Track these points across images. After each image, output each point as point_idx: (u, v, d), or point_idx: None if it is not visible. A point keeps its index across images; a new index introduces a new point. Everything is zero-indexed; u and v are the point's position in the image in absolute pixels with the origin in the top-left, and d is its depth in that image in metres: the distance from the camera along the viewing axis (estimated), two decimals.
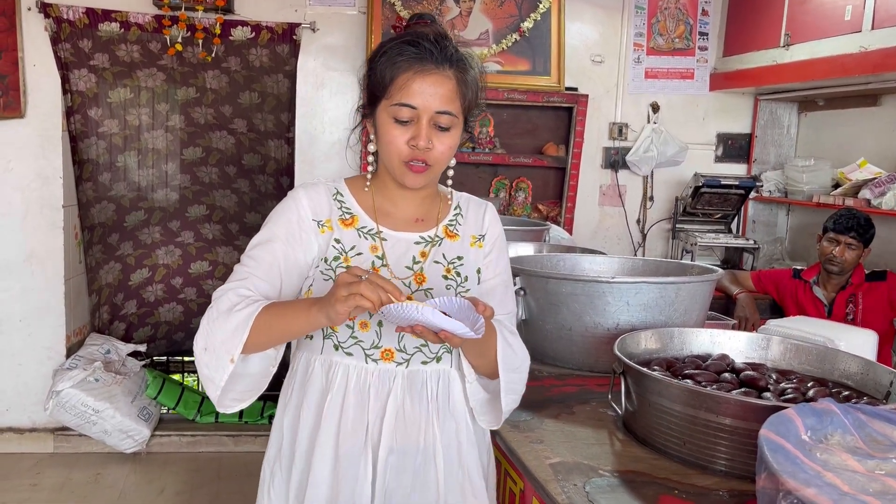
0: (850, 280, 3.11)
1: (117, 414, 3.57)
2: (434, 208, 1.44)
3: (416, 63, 1.27)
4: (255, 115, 3.93)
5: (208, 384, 1.26)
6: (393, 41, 1.32)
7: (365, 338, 1.33)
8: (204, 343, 1.24)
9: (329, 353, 1.35)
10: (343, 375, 1.33)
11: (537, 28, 4.01)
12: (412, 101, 1.27)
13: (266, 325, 1.22)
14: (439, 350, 1.37)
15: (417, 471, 1.35)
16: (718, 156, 4.38)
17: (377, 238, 1.37)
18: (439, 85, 1.28)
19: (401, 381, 1.34)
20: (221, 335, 1.22)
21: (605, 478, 1.34)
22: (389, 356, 1.34)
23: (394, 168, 1.32)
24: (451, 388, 1.38)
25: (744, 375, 1.59)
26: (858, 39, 3.15)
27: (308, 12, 3.83)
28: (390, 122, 1.29)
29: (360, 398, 1.33)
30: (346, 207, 1.39)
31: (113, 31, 3.60)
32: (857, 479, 0.97)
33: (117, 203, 3.92)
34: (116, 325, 4.10)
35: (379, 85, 1.30)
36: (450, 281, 1.38)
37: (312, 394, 1.36)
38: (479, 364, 1.36)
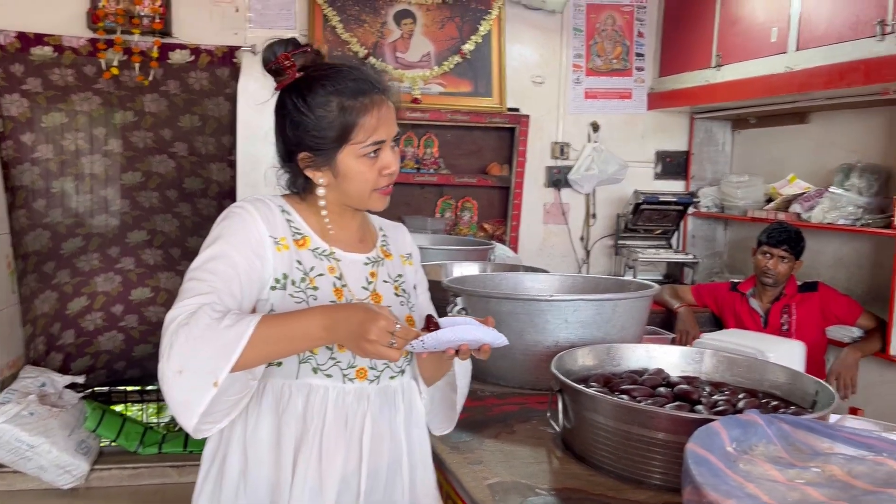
0: (784, 291, 3.21)
1: (54, 449, 3.44)
2: (369, 230, 1.49)
3: (369, 99, 1.31)
4: (195, 139, 3.88)
5: (182, 410, 1.17)
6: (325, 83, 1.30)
7: (342, 358, 1.33)
8: (179, 365, 1.14)
9: (307, 377, 1.31)
10: (323, 398, 1.31)
11: (478, 50, 4.06)
12: (381, 136, 1.32)
13: (262, 344, 1.17)
14: (403, 363, 1.40)
15: (388, 483, 1.37)
16: (657, 173, 4.48)
17: (332, 259, 1.37)
18: (391, 112, 1.34)
19: (374, 398, 1.35)
20: (204, 355, 1.15)
21: (542, 496, 1.35)
22: (363, 374, 1.35)
23: (365, 200, 1.36)
24: (413, 398, 1.43)
25: (678, 389, 1.63)
26: (785, 60, 3.28)
27: (248, 35, 3.82)
28: (361, 161, 1.32)
29: (340, 419, 1.32)
30: (295, 227, 1.36)
31: (46, 55, 3.53)
32: (778, 489, 1.00)
33: (53, 230, 3.81)
34: (53, 356, 3.97)
35: (339, 132, 1.30)
36: (401, 298, 1.44)
37: (291, 421, 1.30)
38: (431, 375, 1.44)
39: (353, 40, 3.86)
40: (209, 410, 1.18)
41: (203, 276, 1.24)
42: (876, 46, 2.80)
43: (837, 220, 3.24)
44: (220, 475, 1.33)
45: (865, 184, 3.24)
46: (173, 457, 3.85)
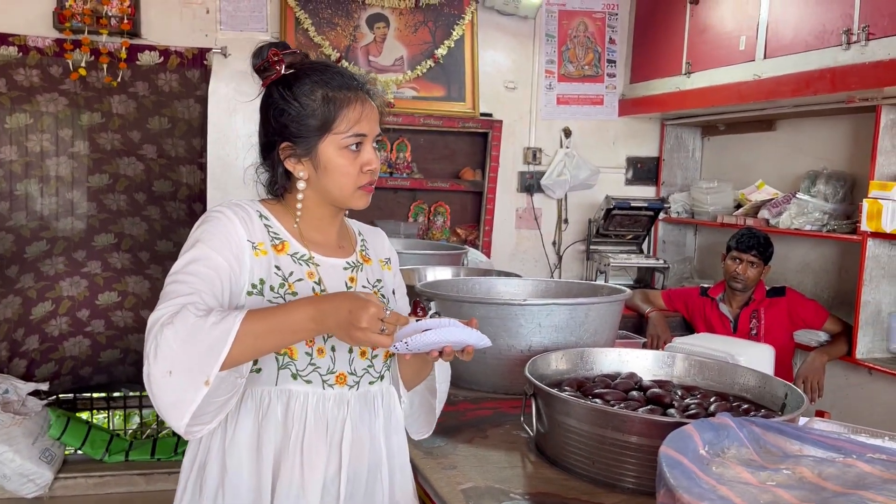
0: (753, 296, 3.25)
1: (17, 457, 3.36)
2: (347, 235, 1.48)
3: (354, 93, 1.33)
4: (165, 141, 3.83)
5: (171, 411, 1.15)
6: (311, 74, 1.33)
7: (322, 364, 1.32)
8: (168, 366, 1.13)
9: (286, 383, 1.31)
10: (303, 405, 1.31)
11: (451, 55, 4.07)
12: (363, 130, 1.33)
13: (250, 339, 1.16)
14: (382, 369, 1.40)
15: (367, 488, 1.36)
16: (629, 178, 4.52)
17: (311, 264, 1.37)
18: (373, 110, 1.36)
19: (354, 404, 1.35)
20: (194, 354, 1.13)
21: (516, 501, 1.34)
22: (342, 380, 1.35)
23: (346, 196, 1.35)
24: (392, 404, 1.43)
25: (650, 393, 1.64)
26: (752, 68, 3.33)
27: (219, 37, 3.78)
28: (342, 153, 1.32)
29: (320, 425, 1.32)
30: (274, 232, 1.36)
31: (10, 55, 3.46)
32: (750, 491, 1.00)
33: (16, 233, 3.72)
34: (16, 362, 3.87)
35: (321, 121, 1.31)
36: (381, 301, 1.39)
37: (271, 427, 1.30)
38: (412, 379, 1.45)
39: (325, 43, 3.84)
40: (199, 412, 1.16)
41: (184, 278, 1.23)
42: (842, 55, 2.86)
43: (804, 225, 3.29)
44: (199, 483, 1.32)
45: (831, 190, 3.30)
46: (140, 464, 3.78)
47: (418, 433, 1.52)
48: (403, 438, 1.46)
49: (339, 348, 1.34)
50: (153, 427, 4.60)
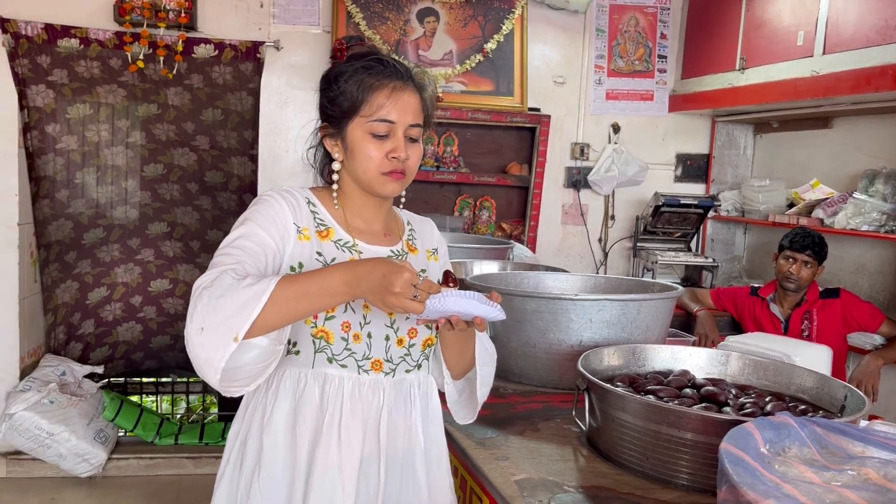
0: (806, 297, 3.19)
1: (73, 437, 3.47)
2: (394, 224, 1.50)
3: (389, 80, 1.34)
4: (217, 132, 3.90)
5: (205, 367, 1.17)
6: (355, 61, 1.37)
7: (357, 349, 1.34)
8: (201, 322, 1.16)
9: (322, 366, 1.34)
10: (339, 388, 1.34)
11: (500, 49, 4.06)
12: (390, 116, 1.33)
13: (284, 301, 1.17)
14: (419, 358, 1.41)
15: (405, 476, 1.38)
16: (678, 175, 4.47)
17: (354, 251, 1.39)
18: (410, 100, 1.35)
19: (390, 391, 1.37)
20: (225, 312, 1.15)
21: (570, 493, 1.35)
22: (378, 367, 1.36)
23: (370, 180, 1.35)
24: (430, 394, 1.44)
25: (704, 391, 1.62)
26: (810, 64, 3.26)
27: (272, 31, 3.83)
28: (367, 138, 1.34)
29: (357, 409, 1.34)
30: (320, 218, 1.39)
31: (72, 47, 3.56)
32: (815, 491, 0.99)
33: (75, 220, 3.84)
34: (73, 345, 4.00)
35: (351, 103, 1.34)
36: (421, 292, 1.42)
37: (307, 409, 1.33)
38: (456, 364, 1.44)
39: (375, 37, 3.87)
40: (234, 374, 1.19)
41: (230, 251, 1.27)
42: None
43: (861, 226, 3.21)
44: (240, 458, 1.38)
45: (890, 190, 3.22)
46: (189, 448, 3.87)
47: (462, 419, 1.53)
48: (440, 429, 1.46)
49: (376, 335, 1.36)
50: (199, 413, 4.71)
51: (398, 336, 1.38)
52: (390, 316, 1.37)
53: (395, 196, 1.42)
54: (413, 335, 1.40)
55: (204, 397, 4.69)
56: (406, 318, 1.38)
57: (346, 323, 1.33)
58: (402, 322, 1.39)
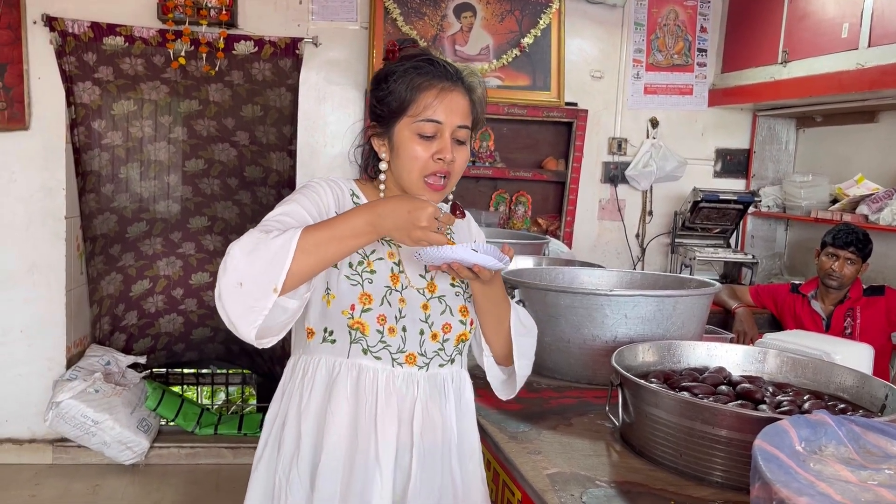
0: (849, 294, 3.13)
1: (116, 425, 3.57)
2: None
3: (438, 81, 1.35)
4: (257, 128, 3.96)
5: (241, 321, 1.19)
6: (406, 62, 1.38)
7: (392, 342, 1.37)
8: (238, 278, 1.18)
9: (357, 357, 1.36)
10: (373, 379, 1.36)
11: (537, 44, 4.05)
12: (437, 116, 1.33)
13: (312, 248, 1.19)
14: (453, 353, 1.43)
15: (438, 469, 1.39)
16: (717, 171, 4.40)
17: (393, 245, 1.41)
18: (458, 100, 1.36)
19: (424, 385, 1.39)
20: (260, 265, 1.18)
21: (603, 488, 1.35)
22: (412, 360, 1.38)
23: (412, 183, 1.36)
24: (463, 388, 1.46)
25: (740, 388, 1.61)
26: (855, 56, 3.18)
27: (311, 27, 3.87)
28: (413, 138, 1.34)
29: (391, 401, 1.36)
30: None
31: (117, 44, 3.64)
32: (850, 490, 0.98)
33: (119, 214, 3.94)
34: (117, 336, 4.11)
35: (399, 103, 1.35)
36: (457, 288, 1.45)
37: (341, 399, 1.36)
38: (495, 336, 1.46)
39: (412, 33, 3.88)
40: (268, 322, 1.21)
41: (269, 224, 1.28)
42: None
43: None
44: (278, 441, 1.41)
45: None
46: (229, 438, 3.95)
47: (504, 395, 1.55)
48: (473, 423, 1.48)
49: (410, 329, 1.38)
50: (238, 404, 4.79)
51: (432, 331, 1.40)
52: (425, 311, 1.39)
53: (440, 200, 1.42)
54: (447, 330, 1.41)
55: (243, 388, 4.78)
56: (441, 312, 1.41)
57: (382, 316, 1.35)
58: (436, 316, 1.41)
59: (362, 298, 1.35)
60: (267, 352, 4.22)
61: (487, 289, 1.39)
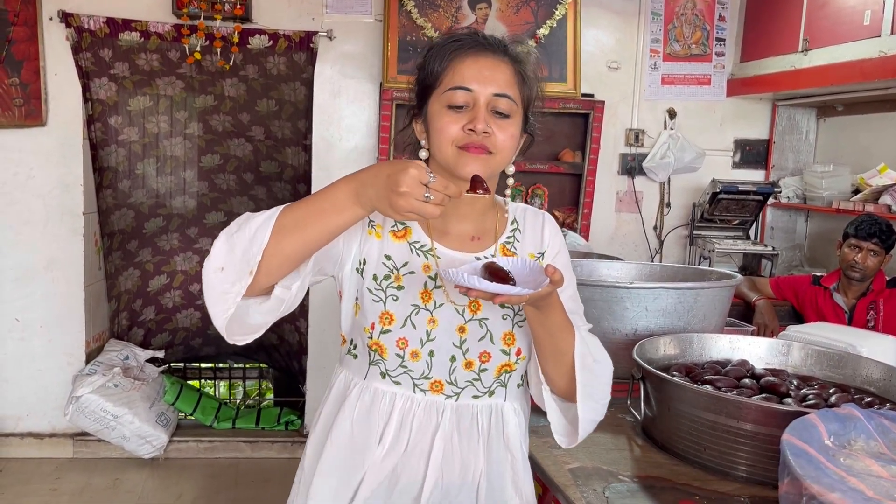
0: (871, 286, 3.08)
1: (136, 419, 3.59)
2: (491, 223, 1.30)
3: (470, 49, 1.20)
4: (272, 123, 3.96)
5: (216, 307, 1.10)
6: (442, 37, 1.27)
7: (415, 367, 1.22)
8: (220, 262, 1.09)
9: (374, 380, 1.24)
10: (389, 405, 1.23)
11: (553, 34, 4.01)
12: (467, 83, 1.18)
13: (293, 226, 1.07)
14: (492, 384, 1.25)
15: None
16: (736, 162, 4.35)
17: (430, 256, 1.24)
18: (495, 68, 1.19)
19: (449, 415, 1.23)
20: (242, 247, 1.08)
21: (625, 483, 1.33)
22: (439, 388, 1.23)
23: (448, 158, 1.18)
24: (504, 423, 1.27)
25: (764, 381, 1.58)
26: (878, 44, 3.12)
27: (325, 20, 3.86)
28: (443, 110, 1.19)
29: (403, 427, 1.23)
30: None
31: (133, 40, 3.65)
32: (882, 484, 0.96)
33: (136, 210, 3.95)
34: (135, 331, 4.13)
35: (430, 77, 1.22)
36: (506, 309, 1.25)
37: (347, 422, 1.25)
38: (556, 369, 1.21)
39: (427, 25, 3.86)
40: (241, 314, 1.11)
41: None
42: None
43: None
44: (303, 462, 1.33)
45: None
46: (246, 432, 3.96)
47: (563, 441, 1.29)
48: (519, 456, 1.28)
49: (439, 354, 1.22)
50: (255, 398, 4.81)
51: (466, 358, 1.23)
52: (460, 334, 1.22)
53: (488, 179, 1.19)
54: (485, 359, 1.23)
55: (260, 383, 4.80)
56: (479, 339, 1.23)
57: (403, 339, 1.21)
58: (472, 342, 1.23)
59: (383, 318, 1.21)
60: (284, 346, 4.23)
61: (541, 314, 1.15)
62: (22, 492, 3.42)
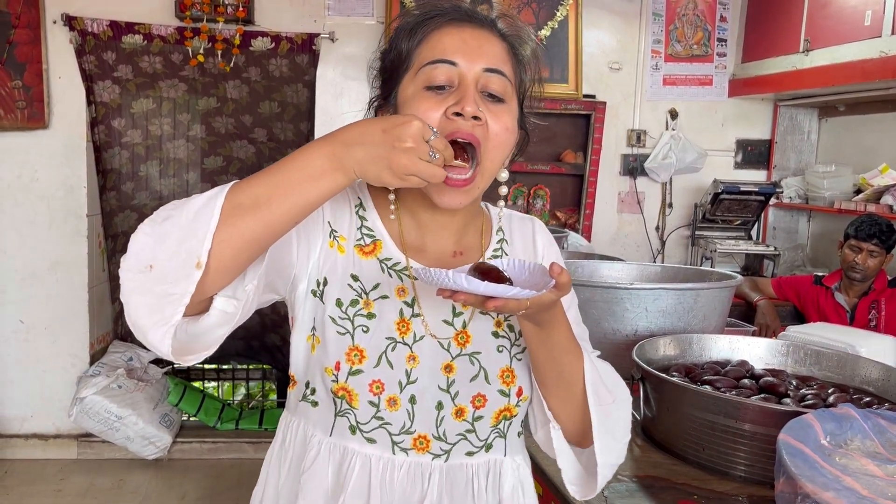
0: (873, 286, 3.08)
1: (140, 420, 3.61)
2: (475, 236, 1.07)
3: (450, 19, 0.97)
4: (275, 125, 3.97)
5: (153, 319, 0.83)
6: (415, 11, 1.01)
7: (393, 419, 0.97)
8: (147, 259, 0.82)
9: (342, 437, 0.98)
10: (362, 470, 0.97)
11: (555, 36, 4.02)
12: (450, 55, 0.93)
13: (251, 201, 0.82)
14: (489, 435, 1.01)
15: None
16: (738, 162, 4.36)
17: (405, 276, 0.99)
18: (484, 40, 0.96)
19: (438, 480, 0.98)
20: (176, 236, 0.82)
21: (624, 483, 1.34)
22: (424, 445, 0.98)
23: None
24: (502, 483, 1.03)
25: (763, 381, 1.59)
26: (878, 44, 3.13)
27: (327, 22, 3.87)
28: (419, 93, 0.93)
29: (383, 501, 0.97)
30: (367, 227, 1.02)
31: (136, 43, 3.66)
32: (877, 484, 0.97)
33: (139, 212, 3.97)
34: None
35: (400, 55, 0.98)
36: (501, 339, 1.02)
37: (313, 490, 0.99)
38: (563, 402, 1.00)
39: None
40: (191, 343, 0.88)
41: None
42: None
43: None
44: None
45: None
46: (249, 433, 3.98)
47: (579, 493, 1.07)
48: None
49: (422, 400, 0.97)
50: (258, 399, 4.82)
51: (456, 404, 0.98)
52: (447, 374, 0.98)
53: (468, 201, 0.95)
54: (479, 404, 0.99)
55: (263, 384, 4.81)
56: (472, 379, 0.99)
57: (378, 382, 0.96)
58: (463, 384, 0.98)
59: (351, 354, 0.96)
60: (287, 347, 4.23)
61: (541, 331, 0.93)
62: (27, 493, 3.44)
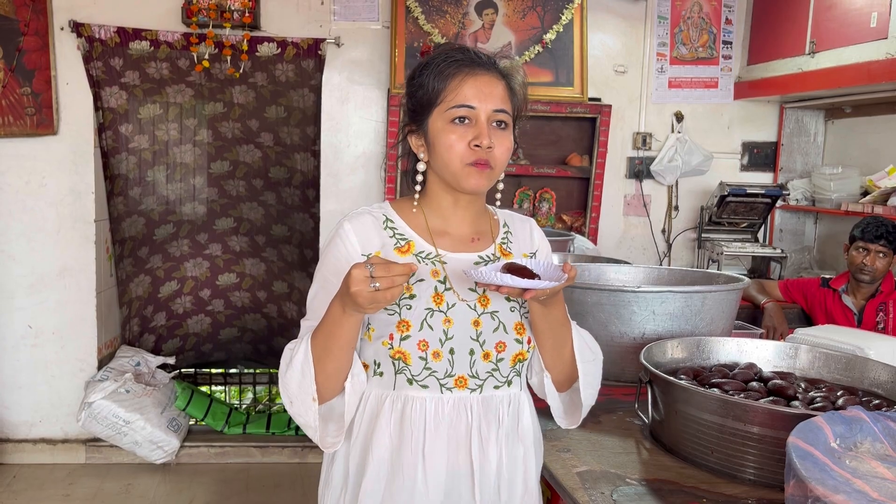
0: (881, 288, 3.08)
1: (147, 425, 3.62)
2: (486, 226, 1.40)
3: (468, 67, 1.29)
4: (281, 129, 3.99)
5: (308, 430, 1.28)
6: (436, 55, 1.33)
7: (438, 367, 1.28)
8: (288, 397, 1.26)
9: (403, 389, 1.29)
10: (420, 409, 1.28)
11: (560, 39, 4.02)
12: (470, 101, 1.26)
13: (323, 350, 1.22)
14: (509, 374, 1.33)
15: (492, 495, 1.31)
16: (744, 164, 4.35)
17: (437, 262, 1.31)
18: (493, 85, 1.28)
19: (476, 409, 1.30)
20: (295, 382, 1.24)
21: (633, 486, 1.34)
22: (463, 383, 1.30)
23: (455, 173, 1.28)
24: (520, 412, 1.35)
25: (771, 384, 1.59)
26: (885, 46, 3.12)
27: (333, 27, 3.89)
28: (448, 127, 1.27)
29: (440, 430, 1.28)
30: (399, 234, 1.33)
31: (143, 49, 3.68)
32: (887, 486, 0.96)
33: (147, 217, 3.99)
34: (146, 337, 4.16)
35: (430, 94, 1.29)
36: (512, 303, 1.34)
37: (384, 434, 1.29)
38: (554, 361, 1.34)
39: (434, 31, 3.88)
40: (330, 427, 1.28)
41: (309, 313, 1.33)
42: None
43: None
44: (329, 474, 1.37)
45: None
46: (257, 437, 3.98)
47: (567, 424, 1.42)
48: (531, 451, 1.36)
49: (459, 350, 1.28)
50: (265, 402, 4.83)
51: (484, 350, 1.30)
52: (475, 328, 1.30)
53: (485, 191, 1.33)
54: (501, 349, 1.31)
55: (270, 388, 4.81)
56: (494, 330, 1.31)
57: (423, 342, 1.27)
58: (488, 334, 1.31)
59: (400, 326, 1.27)
60: None
61: (546, 310, 1.28)
62: (35, 497, 3.45)
